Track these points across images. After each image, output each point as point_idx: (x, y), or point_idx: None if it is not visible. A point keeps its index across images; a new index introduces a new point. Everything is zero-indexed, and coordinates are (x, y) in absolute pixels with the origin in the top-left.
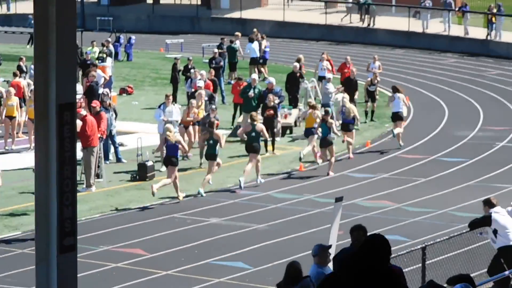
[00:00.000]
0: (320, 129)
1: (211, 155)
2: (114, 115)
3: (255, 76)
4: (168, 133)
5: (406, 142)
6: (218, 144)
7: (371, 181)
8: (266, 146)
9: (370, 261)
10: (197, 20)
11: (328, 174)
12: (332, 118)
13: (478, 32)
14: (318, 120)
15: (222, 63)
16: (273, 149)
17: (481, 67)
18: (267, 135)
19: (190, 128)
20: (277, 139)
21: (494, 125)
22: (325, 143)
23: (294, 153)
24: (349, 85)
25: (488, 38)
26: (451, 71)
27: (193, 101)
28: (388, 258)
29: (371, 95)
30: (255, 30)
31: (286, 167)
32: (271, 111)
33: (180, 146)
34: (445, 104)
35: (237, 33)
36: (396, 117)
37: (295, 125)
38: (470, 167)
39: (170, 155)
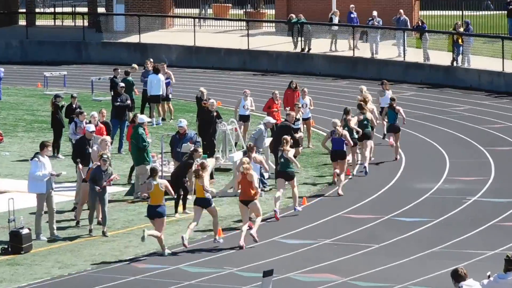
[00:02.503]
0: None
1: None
2: None
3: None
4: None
5: (352, 199)
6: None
7: (309, 249)
8: (176, 206)
9: None
10: (84, 46)
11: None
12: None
13: (441, 58)
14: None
15: (129, 101)
16: (184, 208)
17: (446, 101)
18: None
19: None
20: (189, 197)
21: (463, 175)
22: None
23: (209, 215)
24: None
25: (454, 64)
26: (408, 107)
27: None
28: None
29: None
30: (149, 60)
31: (201, 232)
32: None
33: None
34: (401, 148)
35: (134, 65)
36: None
37: (211, 178)
38: (433, 229)
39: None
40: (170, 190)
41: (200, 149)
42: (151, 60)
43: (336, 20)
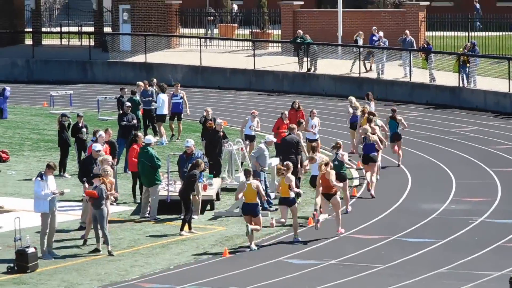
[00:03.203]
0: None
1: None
2: None
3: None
4: None
5: (359, 219)
6: None
7: (315, 269)
8: (183, 224)
9: None
10: (90, 65)
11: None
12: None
13: (447, 78)
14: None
15: (135, 121)
16: (189, 228)
17: (452, 122)
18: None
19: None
20: (195, 217)
21: (470, 196)
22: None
23: (216, 234)
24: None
25: (460, 85)
26: (414, 127)
27: (108, 169)
28: None
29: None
30: (154, 80)
31: (207, 252)
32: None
33: None
34: (408, 169)
35: (139, 82)
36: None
37: (217, 199)
38: (440, 250)
39: None
40: (261, 190)
41: (203, 164)
42: (145, 81)
43: (360, 42)
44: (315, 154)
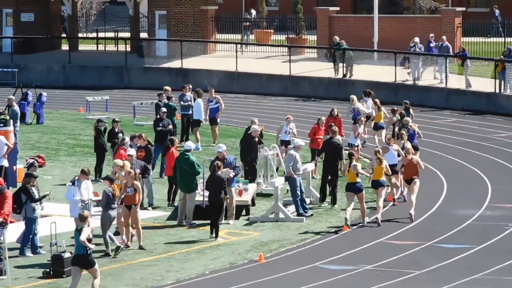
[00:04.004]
0: None
1: None
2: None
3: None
4: None
5: (394, 225)
6: None
7: (350, 275)
8: (212, 229)
9: None
10: (126, 71)
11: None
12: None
13: (483, 84)
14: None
15: (171, 127)
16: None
17: (488, 128)
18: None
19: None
20: (230, 222)
21: (505, 202)
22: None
23: (251, 240)
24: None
25: (497, 91)
26: (450, 133)
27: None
28: None
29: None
30: (185, 86)
31: (242, 257)
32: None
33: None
34: (443, 175)
35: (166, 87)
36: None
37: (253, 204)
38: (475, 256)
39: None
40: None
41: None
42: (186, 85)
43: (422, 48)
44: (390, 145)
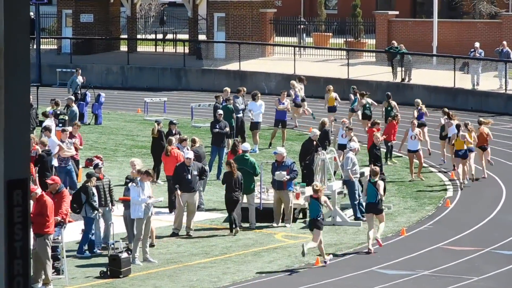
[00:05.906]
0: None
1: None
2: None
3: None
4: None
5: (452, 230)
6: None
7: (408, 280)
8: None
9: None
10: (184, 73)
11: None
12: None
13: None
14: None
15: (228, 129)
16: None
17: None
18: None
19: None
20: (287, 225)
21: None
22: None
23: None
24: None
25: None
26: (509, 139)
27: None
28: None
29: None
30: (241, 88)
31: (299, 261)
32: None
33: None
34: (502, 181)
35: (226, 88)
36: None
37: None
38: None
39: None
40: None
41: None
42: (240, 88)
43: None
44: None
